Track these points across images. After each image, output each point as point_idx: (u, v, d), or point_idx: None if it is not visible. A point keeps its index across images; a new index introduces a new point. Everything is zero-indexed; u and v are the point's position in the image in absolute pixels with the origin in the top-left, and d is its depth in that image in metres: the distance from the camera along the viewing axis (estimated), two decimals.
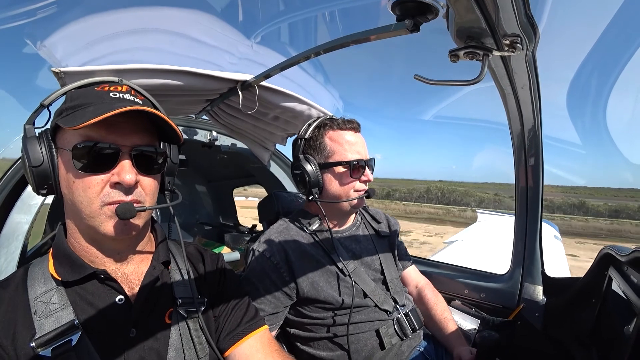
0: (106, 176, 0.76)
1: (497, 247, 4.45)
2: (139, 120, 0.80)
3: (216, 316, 0.97)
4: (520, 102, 1.26)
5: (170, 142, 0.92)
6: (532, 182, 1.58)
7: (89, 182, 0.75)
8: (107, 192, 0.76)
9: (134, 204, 0.78)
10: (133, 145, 0.79)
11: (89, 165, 0.75)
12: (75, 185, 0.76)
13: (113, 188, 0.77)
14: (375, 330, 1.32)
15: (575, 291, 1.54)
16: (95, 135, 0.75)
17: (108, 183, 0.77)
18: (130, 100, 0.81)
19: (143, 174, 0.81)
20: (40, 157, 0.77)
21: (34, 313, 0.74)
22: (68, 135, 0.77)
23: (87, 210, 0.76)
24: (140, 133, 0.81)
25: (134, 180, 0.77)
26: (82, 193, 0.76)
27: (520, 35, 0.77)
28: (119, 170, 0.76)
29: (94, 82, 0.84)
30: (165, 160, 0.89)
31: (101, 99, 0.79)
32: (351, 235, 1.49)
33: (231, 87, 1.51)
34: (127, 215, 0.76)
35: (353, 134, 1.41)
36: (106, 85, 0.83)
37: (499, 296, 1.79)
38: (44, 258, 0.85)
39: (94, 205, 0.76)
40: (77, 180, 0.76)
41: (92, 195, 0.75)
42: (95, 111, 0.73)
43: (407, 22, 0.81)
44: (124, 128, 0.78)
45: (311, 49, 1.17)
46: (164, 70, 1.27)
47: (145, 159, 0.81)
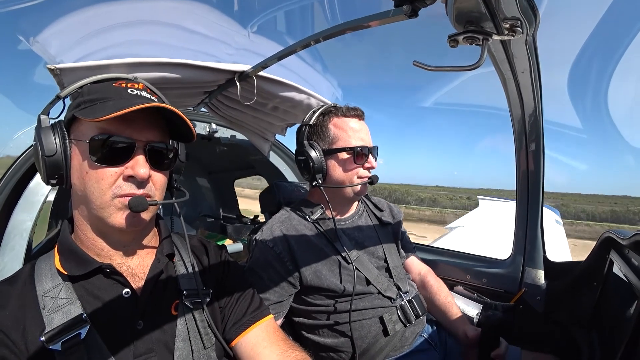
0: (120, 169, 0.78)
1: (498, 232, 4.47)
2: (153, 117, 0.83)
3: (221, 307, 0.98)
4: (520, 86, 1.25)
5: (183, 140, 0.94)
6: (533, 167, 1.58)
7: (102, 174, 0.77)
8: (120, 185, 0.78)
9: (146, 197, 0.80)
10: (148, 140, 0.81)
11: (105, 157, 0.77)
12: (89, 176, 0.77)
13: (126, 181, 0.79)
14: (379, 317, 1.33)
15: (577, 275, 1.55)
16: (113, 128, 0.77)
17: (121, 176, 0.78)
18: (147, 98, 0.83)
19: (154, 169, 0.83)
20: (53, 147, 0.78)
21: (43, 308, 0.76)
22: (84, 127, 0.79)
23: (98, 201, 0.78)
24: (155, 129, 0.83)
25: (147, 175, 0.79)
26: (95, 184, 0.77)
27: (520, 19, 0.76)
28: (134, 164, 0.78)
29: (112, 78, 0.86)
30: (176, 157, 0.91)
31: (120, 94, 0.81)
32: (354, 223, 1.49)
33: (229, 78, 1.50)
34: (139, 208, 0.78)
35: (357, 121, 1.41)
36: (123, 81, 0.85)
37: (501, 281, 1.81)
38: (50, 254, 0.86)
39: (105, 196, 0.77)
40: (90, 171, 0.77)
41: (104, 186, 0.77)
42: (116, 105, 0.75)
43: (405, 7, 0.80)
44: (140, 123, 0.80)
45: (309, 37, 1.15)
46: (160, 63, 1.25)
47: (158, 155, 0.83)
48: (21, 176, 1.50)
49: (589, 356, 1.30)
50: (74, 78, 1.08)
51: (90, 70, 1.09)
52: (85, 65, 1.09)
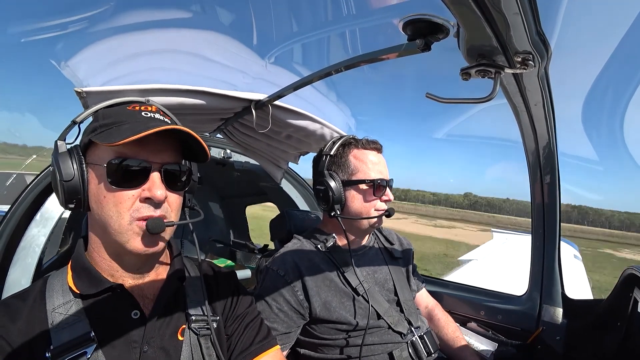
0: (137, 191, 0.79)
1: (514, 267, 4.32)
2: (168, 138, 0.84)
3: (228, 334, 0.97)
4: (534, 119, 1.25)
5: (196, 160, 0.94)
6: (548, 200, 1.55)
7: (120, 197, 0.78)
8: (137, 207, 0.79)
9: (162, 219, 0.80)
10: (163, 162, 0.82)
11: (122, 181, 0.78)
12: (107, 199, 0.78)
13: (143, 202, 0.79)
14: (389, 353, 1.28)
15: (598, 314, 1.48)
16: (129, 152, 0.78)
17: (138, 198, 0.79)
18: (161, 120, 0.85)
19: (170, 190, 0.83)
20: (71, 172, 0.79)
21: (51, 324, 0.76)
22: (100, 151, 0.80)
23: (116, 224, 0.78)
24: (169, 151, 0.84)
25: (164, 196, 0.80)
26: (113, 207, 0.78)
27: (532, 53, 0.77)
28: (150, 186, 0.79)
29: (125, 102, 0.88)
30: (190, 177, 0.92)
31: (134, 117, 0.82)
32: (365, 255, 1.47)
33: (245, 106, 1.54)
34: (157, 229, 0.78)
35: (376, 154, 1.43)
36: (137, 105, 0.87)
37: (517, 318, 1.73)
38: (63, 270, 0.86)
39: (123, 220, 0.78)
40: (108, 195, 0.78)
41: (122, 210, 0.78)
42: (132, 129, 0.76)
43: (419, 41, 0.82)
44: (155, 146, 0.81)
45: (324, 69, 1.19)
46: (181, 90, 1.31)
47: (173, 176, 0.84)
48: (39, 192, 1.54)
49: None
50: (98, 101, 1.14)
51: (114, 94, 1.14)
52: (110, 90, 1.14)
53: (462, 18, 0.69)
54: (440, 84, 1.90)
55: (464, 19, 0.69)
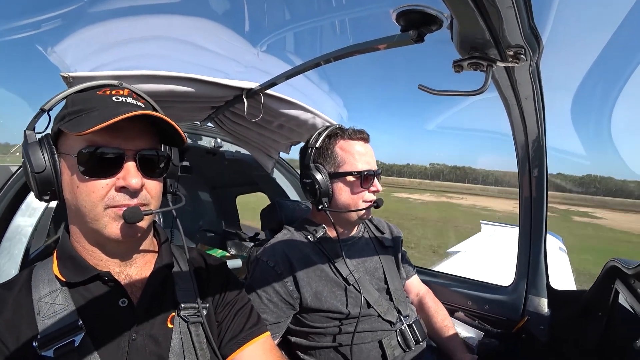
0: (111, 180, 0.76)
1: (501, 258, 4.40)
2: (142, 123, 0.80)
3: (218, 322, 0.96)
4: (524, 113, 1.26)
5: (173, 145, 0.91)
6: (536, 193, 1.58)
7: (93, 187, 0.75)
8: (113, 196, 0.76)
9: (140, 207, 0.78)
10: (137, 149, 0.79)
11: (94, 170, 0.75)
12: (79, 190, 0.75)
13: (119, 192, 0.77)
14: (378, 341, 1.31)
15: (581, 304, 1.52)
16: (100, 140, 0.75)
17: (113, 187, 0.76)
18: (133, 104, 0.81)
19: (147, 177, 0.81)
20: (42, 163, 0.75)
21: (38, 313, 0.74)
22: (71, 140, 0.77)
23: (90, 214, 0.76)
24: (144, 136, 0.81)
25: (140, 184, 0.77)
26: (86, 197, 0.75)
27: (524, 47, 0.78)
28: (125, 175, 0.76)
29: (95, 86, 0.84)
30: (169, 163, 0.89)
31: (104, 103, 0.78)
32: (355, 244, 1.48)
33: (237, 94, 1.52)
34: (134, 219, 0.76)
35: (363, 144, 1.42)
36: (107, 89, 0.82)
37: (503, 308, 1.77)
38: (49, 260, 0.85)
39: (97, 208, 0.76)
40: (81, 185, 0.75)
41: (95, 199, 0.75)
42: (101, 116, 0.72)
43: (412, 32, 0.82)
44: (128, 132, 0.78)
45: (316, 58, 1.18)
46: (170, 77, 1.28)
47: (149, 163, 0.81)
48: (25, 182, 1.51)
49: None
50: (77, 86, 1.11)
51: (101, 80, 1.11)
52: (97, 75, 1.11)
53: (455, 10, 0.69)
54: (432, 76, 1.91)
55: (458, 11, 0.69)
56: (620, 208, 69.67)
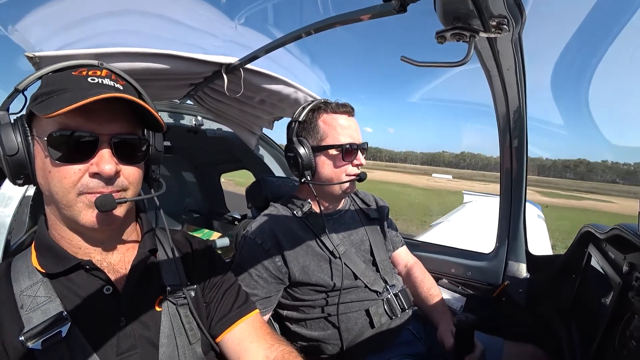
0: (84, 166, 0.73)
1: (482, 227, 4.56)
2: (119, 107, 0.76)
3: (207, 302, 0.97)
4: (506, 83, 1.27)
5: (153, 130, 0.87)
6: (516, 163, 1.62)
7: (65, 172, 0.72)
8: (86, 183, 0.73)
9: (116, 193, 0.75)
10: (113, 133, 0.75)
11: (66, 155, 0.71)
12: (51, 175, 0.72)
13: (92, 178, 0.74)
14: (366, 310, 1.35)
15: (557, 268, 1.60)
16: (72, 123, 0.71)
17: (87, 173, 0.73)
18: (109, 86, 0.76)
19: (125, 163, 0.77)
20: (15, 146, 0.72)
21: (21, 307, 0.73)
22: (43, 122, 0.73)
23: (63, 200, 0.73)
24: (121, 120, 0.77)
25: (113, 171, 0.74)
26: (58, 183, 0.72)
27: (506, 17, 0.77)
28: (98, 160, 0.73)
29: (72, 66, 0.79)
30: (149, 148, 0.86)
31: (78, 84, 0.74)
32: (341, 218, 1.50)
33: (215, 70, 1.48)
34: (106, 207, 0.73)
35: (347, 117, 1.41)
36: (84, 69, 0.78)
37: (485, 274, 1.85)
38: (27, 251, 0.82)
39: (70, 195, 0.73)
40: (53, 170, 0.72)
41: (67, 185, 0.72)
42: (72, 98, 0.68)
43: (394, 2, 0.80)
44: (103, 115, 0.74)
45: (297, 30, 1.14)
46: (145, 54, 1.23)
47: (127, 148, 0.78)
48: None
49: (568, 345, 1.34)
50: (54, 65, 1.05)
51: (71, 59, 1.05)
52: (66, 54, 1.04)
53: None
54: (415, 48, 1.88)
55: None
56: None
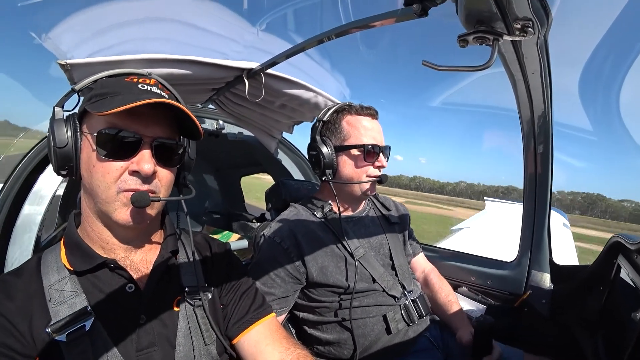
0: (126, 163, 0.79)
1: (504, 234, 4.43)
2: (162, 112, 0.83)
3: (224, 304, 0.99)
4: (530, 88, 1.24)
5: (190, 137, 0.94)
6: (541, 169, 1.57)
7: (108, 168, 0.78)
8: (125, 179, 0.79)
9: (149, 193, 0.80)
10: (154, 136, 0.81)
11: (111, 151, 0.78)
12: (95, 169, 0.78)
13: (131, 175, 0.79)
14: (383, 315, 1.34)
15: (583, 278, 1.53)
16: (120, 123, 0.78)
17: (127, 170, 0.79)
18: (157, 93, 0.83)
19: (161, 166, 0.83)
20: (65, 139, 0.79)
21: (49, 300, 0.77)
22: (94, 120, 0.80)
23: (103, 195, 0.79)
24: (163, 125, 0.83)
25: (151, 170, 0.79)
26: (101, 177, 0.78)
27: (532, 19, 0.75)
28: (139, 159, 0.79)
29: (124, 73, 0.87)
30: (184, 154, 0.92)
31: (130, 89, 0.81)
32: (361, 221, 1.50)
33: (237, 75, 1.50)
34: (141, 203, 0.78)
35: (370, 119, 1.42)
36: (135, 76, 0.85)
37: (506, 283, 1.79)
38: (56, 247, 0.87)
39: (110, 190, 0.78)
40: (97, 164, 0.78)
41: (109, 180, 0.78)
42: (123, 100, 0.75)
43: (415, 6, 0.79)
44: (148, 119, 0.80)
45: (317, 35, 1.15)
46: (169, 60, 1.26)
47: (165, 151, 0.83)
48: (31, 170, 1.52)
49: (593, 358, 1.29)
50: (84, 73, 1.09)
51: (100, 66, 1.10)
52: (95, 61, 1.10)
53: None
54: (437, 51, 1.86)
55: None
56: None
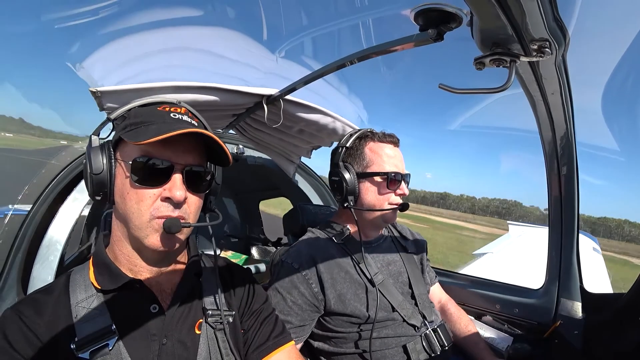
0: (158, 190, 0.81)
1: (530, 260, 4.25)
2: (192, 140, 0.86)
3: (244, 330, 0.99)
4: (550, 108, 1.22)
5: (219, 164, 0.96)
6: (565, 192, 1.51)
7: (142, 195, 0.81)
8: (158, 206, 0.81)
9: (180, 219, 0.82)
10: (186, 163, 0.84)
11: (145, 179, 0.81)
12: (130, 196, 0.81)
13: (163, 202, 0.82)
14: (403, 345, 1.28)
15: (619, 308, 1.44)
16: (154, 151, 0.81)
17: (159, 197, 0.81)
18: (188, 122, 0.88)
19: (191, 192, 0.86)
20: (100, 166, 0.83)
21: (75, 317, 0.79)
22: (128, 148, 0.83)
23: (137, 221, 0.81)
24: (193, 153, 0.86)
25: (183, 197, 0.82)
26: (135, 205, 0.81)
27: (549, 40, 0.75)
28: (171, 186, 0.81)
29: (157, 102, 0.91)
30: (212, 180, 0.95)
31: (163, 118, 0.85)
32: (379, 247, 1.47)
33: (257, 101, 1.55)
34: (173, 229, 0.80)
35: (392, 147, 1.42)
36: (167, 105, 0.90)
37: (534, 312, 1.70)
38: (85, 266, 0.90)
39: (144, 217, 0.81)
40: (131, 191, 0.81)
41: (143, 207, 0.80)
42: (158, 130, 0.79)
43: (431, 31, 0.81)
44: (179, 147, 0.83)
45: (334, 62, 1.18)
46: (193, 87, 1.32)
47: (195, 178, 0.86)
48: (59, 192, 1.58)
49: None
50: (112, 100, 1.15)
51: (127, 93, 1.16)
52: (123, 89, 1.16)
53: (475, 6, 0.67)
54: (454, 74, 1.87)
55: (477, 7, 0.67)
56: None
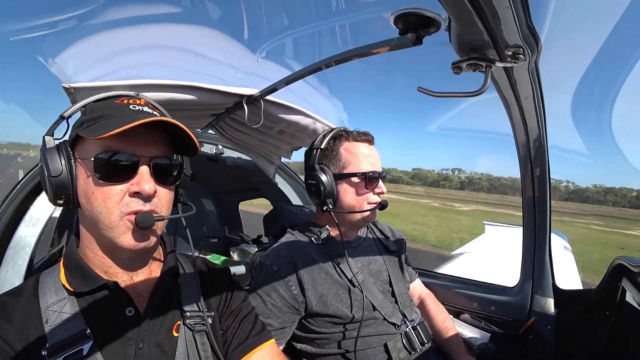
0: (125, 186, 0.78)
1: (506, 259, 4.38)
2: (157, 132, 0.83)
3: (224, 330, 0.97)
4: (524, 112, 1.26)
5: (186, 154, 0.93)
6: (538, 193, 1.57)
7: (108, 192, 0.77)
8: (127, 202, 0.78)
9: (152, 213, 0.79)
10: (152, 155, 0.80)
11: (110, 175, 0.76)
12: (95, 195, 0.77)
13: (132, 197, 0.78)
14: (384, 344, 1.30)
15: (588, 303, 1.50)
16: (116, 145, 0.77)
17: (127, 193, 0.78)
18: (149, 113, 0.83)
19: (160, 185, 0.82)
20: (59, 168, 0.77)
21: (46, 322, 0.75)
22: (88, 145, 0.79)
23: (106, 220, 0.77)
24: (158, 144, 0.83)
25: (153, 190, 0.79)
26: (102, 203, 0.76)
27: (522, 46, 0.78)
28: (139, 180, 0.78)
29: (113, 96, 0.87)
30: (181, 171, 0.91)
31: (122, 111, 0.81)
32: (359, 247, 1.48)
33: (237, 101, 1.53)
34: (146, 223, 0.77)
35: (367, 146, 1.42)
36: (125, 98, 0.85)
37: (509, 309, 1.76)
38: (55, 268, 0.85)
39: (113, 215, 0.77)
40: (97, 190, 0.77)
41: (111, 205, 0.76)
42: (118, 122, 0.75)
43: (410, 35, 0.82)
44: (144, 139, 0.80)
45: (316, 63, 1.18)
46: (171, 85, 1.29)
47: (163, 170, 0.83)
48: (28, 192, 1.52)
49: None
50: (87, 97, 1.12)
51: (102, 90, 1.12)
52: (98, 86, 1.12)
53: (453, 12, 0.69)
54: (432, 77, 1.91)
55: (455, 13, 0.69)
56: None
